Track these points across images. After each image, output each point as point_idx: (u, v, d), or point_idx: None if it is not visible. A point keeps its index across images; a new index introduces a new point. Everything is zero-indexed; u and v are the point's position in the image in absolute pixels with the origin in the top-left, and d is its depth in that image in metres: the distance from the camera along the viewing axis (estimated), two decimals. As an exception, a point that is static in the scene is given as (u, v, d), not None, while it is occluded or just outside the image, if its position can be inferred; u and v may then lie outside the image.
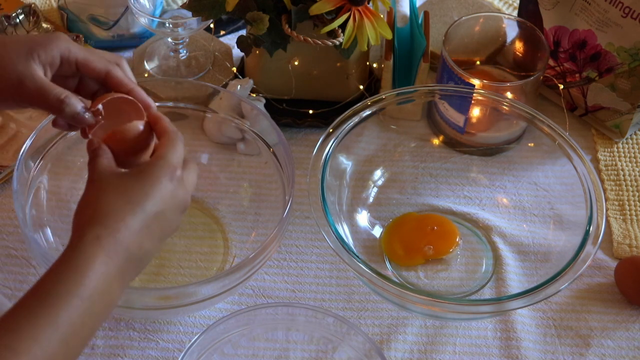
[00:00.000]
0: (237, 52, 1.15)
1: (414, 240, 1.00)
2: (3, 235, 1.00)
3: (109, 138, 0.74)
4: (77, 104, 0.72)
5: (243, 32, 1.12)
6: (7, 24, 1.20)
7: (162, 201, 0.68)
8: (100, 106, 0.75)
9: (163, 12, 1.19)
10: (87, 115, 0.73)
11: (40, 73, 0.72)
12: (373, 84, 1.15)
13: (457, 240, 1.01)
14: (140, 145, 0.75)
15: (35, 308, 0.61)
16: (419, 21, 1.11)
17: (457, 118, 1.07)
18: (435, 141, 1.10)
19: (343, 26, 0.97)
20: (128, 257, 0.66)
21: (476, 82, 1.04)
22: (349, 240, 0.96)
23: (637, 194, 1.08)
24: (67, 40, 0.73)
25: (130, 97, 0.76)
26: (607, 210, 1.05)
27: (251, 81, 1.09)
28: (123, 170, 0.72)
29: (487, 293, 0.97)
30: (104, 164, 0.71)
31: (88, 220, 0.66)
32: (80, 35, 1.19)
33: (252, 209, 1.02)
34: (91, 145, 0.73)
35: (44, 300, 0.62)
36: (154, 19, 1.10)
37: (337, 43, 0.99)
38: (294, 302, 0.95)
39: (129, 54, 1.22)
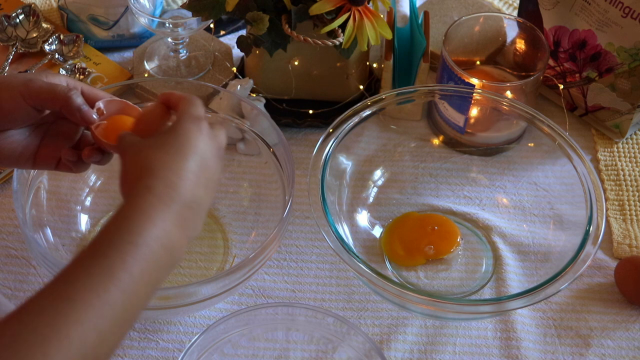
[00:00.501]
0: (237, 52, 1.15)
1: (414, 240, 1.00)
2: (3, 235, 1.00)
3: (107, 131, 0.75)
4: (80, 99, 0.73)
5: (243, 32, 1.12)
6: (7, 24, 1.20)
7: (198, 148, 0.69)
8: (101, 104, 0.75)
9: (163, 12, 1.19)
10: (91, 110, 0.74)
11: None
12: (373, 84, 1.15)
13: (458, 240, 1.01)
14: (155, 122, 0.76)
15: (91, 260, 0.60)
16: (419, 21, 1.11)
17: (457, 118, 1.07)
18: (435, 141, 1.10)
19: (343, 26, 0.97)
20: (183, 203, 0.66)
21: (476, 82, 1.04)
22: (349, 240, 0.96)
23: (637, 194, 1.08)
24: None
25: (126, 101, 0.77)
26: (607, 210, 1.05)
27: (251, 81, 1.09)
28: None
29: (487, 293, 0.97)
30: (129, 138, 0.72)
31: (135, 178, 0.66)
32: (81, 35, 1.19)
33: (252, 209, 1.02)
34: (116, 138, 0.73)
35: (100, 252, 0.60)
36: (154, 19, 1.10)
37: (337, 43, 0.99)
38: (294, 302, 0.95)
39: (129, 54, 1.22)
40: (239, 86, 1.08)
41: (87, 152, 0.76)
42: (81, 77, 1.15)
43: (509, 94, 1.05)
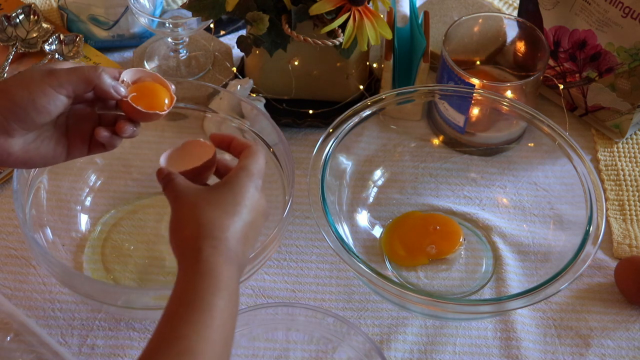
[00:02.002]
0: (237, 52, 1.15)
1: (416, 240, 1.00)
2: (3, 235, 1.00)
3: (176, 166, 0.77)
4: (109, 78, 0.74)
5: (243, 32, 1.12)
6: (7, 24, 1.20)
7: (252, 209, 0.72)
8: (124, 76, 0.76)
9: (163, 12, 1.19)
10: (121, 88, 0.74)
11: None
12: (373, 84, 1.15)
13: (461, 240, 1.01)
14: (205, 167, 0.77)
15: (188, 316, 0.65)
16: (419, 21, 1.11)
17: (457, 118, 1.07)
18: (435, 141, 1.10)
19: (343, 26, 0.97)
20: (238, 262, 0.70)
21: (476, 82, 1.04)
22: (349, 240, 0.96)
23: (637, 194, 1.08)
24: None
25: (142, 69, 0.78)
26: (607, 210, 1.05)
27: (251, 81, 1.09)
28: (203, 186, 0.75)
29: (487, 293, 0.97)
30: (182, 183, 0.74)
31: (195, 235, 0.69)
32: (81, 35, 1.19)
33: (252, 209, 1.02)
34: (161, 173, 0.75)
35: (194, 307, 0.65)
36: (154, 19, 1.10)
37: (337, 43, 0.99)
38: (294, 302, 0.95)
39: (129, 54, 1.22)
40: (239, 86, 1.08)
41: (122, 125, 0.76)
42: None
43: (509, 94, 1.05)
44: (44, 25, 1.20)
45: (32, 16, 1.21)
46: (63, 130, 0.76)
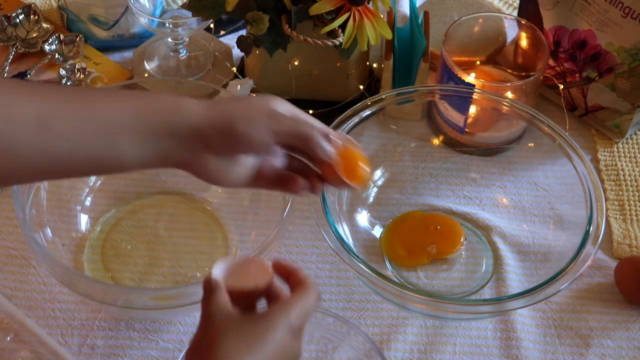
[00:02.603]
0: (237, 52, 1.15)
1: (416, 240, 1.00)
2: (3, 235, 1.00)
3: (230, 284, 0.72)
4: (328, 146, 0.73)
5: (243, 32, 1.12)
6: (7, 24, 1.20)
7: (279, 351, 0.67)
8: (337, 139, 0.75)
9: (163, 12, 1.19)
10: (330, 146, 0.74)
11: None
12: (373, 84, 1.15)
13: (462, 240, 1.01)
14: (256, 292, 0.73)
15: None
16: (419, 21, 1.11)
17: (457, 118, 1.07)
18: (435, 141, 1.10)
19: (343, 26, 0.97)
20: None
21: (476, 82, 1.04)
22: (349, 240, 0.96)
23: (637, 194, 1.08)
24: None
25: (348, 137, 0.76)
26: (607, 210, 1.05)
27: (251, 81, 1.09)
28: (239, 313, 0.69)
29: (487, 293, 0.97)
30: (222, 303, 0.69)
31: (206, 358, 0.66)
32: (81, 35, 1.19)
33: (252, 209, 1.02)
34: (209, 282, 0.70)
35: None
36: (154, 19, 1.10)
37: (337, 43, 0.99)
38: (294, 302, 0.95)
39: (129, 54, 1.22)
40: (239, 86, 1.08)
41: (317, 185, 0.76)
42: (81, 77, 1.15)
43: (509, 94, 1.05)
44: (44, 25, 1.20)
45: (32, 16, 1.21)
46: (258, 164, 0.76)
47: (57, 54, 1.17)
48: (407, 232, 1.01)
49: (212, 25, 1.15)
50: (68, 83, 1.14)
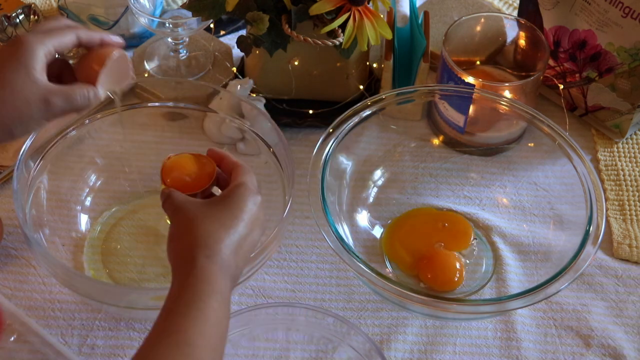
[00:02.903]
0: (237, 52, 1.15)
1: (422, 238, 1.00)
2: (3, 235, 1.00)
3: (172, 170, 0.81)
4: (91, 92, 0.77)
5: (243, 32, 1.12)
6: (7, 24, 1.20)
7: (249, 222, 0.74)
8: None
9: (163, 12, 1.19)
10: (99, 93, 0.78)
11: (51, 84, 0.75)
12: (373, 84, 1.15)
13: (472, 240, 1.01)
14: (203, 182, 0.81)
15: (185, 312, 0.67)
16: (419, 21, 1.11)
17: (457, 118, 1.07)
18: (435, 141, 1.10)
19: (343, 26, 0.97)
20: (231, 273, 0.72)
21: (476, 81, 1.04)
22: (349, 240, 0.96)
23: (637, 194, 1.08)
24: (36, 37, 0.75)
25: (114, 53, 0.79)
26: (607, 210, 1.05)
27: (251, 81, 1.09)
28: (202, 200, 0.77)
29: (487, 293, 0.97)
30: (180, 197, 0.77)
31: (191, 246, 0.71)
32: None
33: (252, 209, 1.02)
34: (163, 192, 0.78)
35: (190, 304, 0.68)
36: (154, 19, 1.10)
37: (337, 43, 0.99)
38: (294, 302, 0.95)
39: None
40: (239, 86, 1.08)
41: None
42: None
43: (509, 94, 1.05)
44: (44, 25, 1.20)
45: (32, 16, 1.21)
46: None
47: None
48: (410, 230, 1.01)
49: (212, 25, 1.15)
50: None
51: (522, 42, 1.12)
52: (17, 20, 1.20)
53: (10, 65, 0.73)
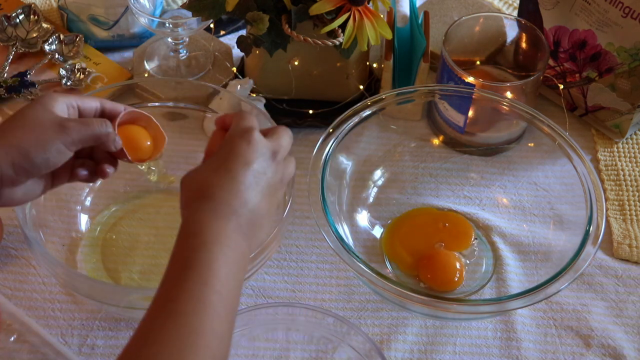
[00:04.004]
0: (237, 52, 1.15)
1: (422, 237, 1.00)
2: (3, 235, 1.00)
3: None
4: (111, 128, 0.77)
5: (243, 32, 1.12)
6: (7, 24, 1.20)
7: (245, 157, 0.71)
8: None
9: (163, 12, 1.19)
10: (117, 137, 0.78)
11: (66, 116, 0.75)
12: (373, 84, 1.15)
13: (472, 240, 1.01)
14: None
15: (182, 276, 0.65)
16: (419, 21, 1.11)
17: (457, 118, 1.07)
18: (435, 141, 1.10)
19: (343, 26, 0.97)
20: (235, 212, 0.69)
21: (476, 82, 1.04)
22: (349, 240, 0.96)
23: (637, 194, 1.08)
24: (58, 93, 0.76)
25: (136, 110, 0.81)
26: (607, 210, 1.05)
27: (251, 81, 1.09)
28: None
29: (487, 293, 0.97)
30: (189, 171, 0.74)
31: (186, 202, 0.70)
32: (81, 35, 1.19)
33: (252, 209, 1.02)
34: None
35: (184, 268, 0.65)
36: (154, 19, 1.10)
37: (337, 43, 0.99)
38: (294, 302, 0.95)
39: (129, 54, 1.22)
40: (239, 86, 1.08)
41: (104, 169, 0.80)
42: (81, 77, 1.15)
43: (509, 94, 1.05)
44: (44, 25, 1.20)
45: (32, 16, 1.21)
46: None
47: (57, 54, 1.17)
48: (410, 230, 1.01)
49: (212, 25, 1.15)
50: (68, 83, 1.14)
51: (522, 42, 1.12)
52: (17, 20, 1.20)
53: (31, 105, 0.74)
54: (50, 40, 1.18)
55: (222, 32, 1.24)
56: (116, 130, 0.78)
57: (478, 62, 1.15)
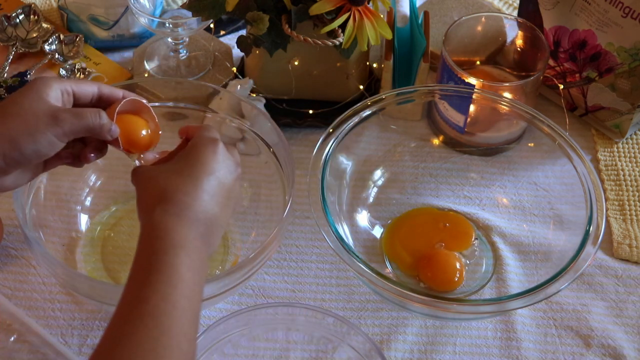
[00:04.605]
0: (237, 52, 1.15)
1: (422, 237, 1.00)
2: (3, 235, 1.00)
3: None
4: (105, 118, 0.76)
5: (243, 32, 1.12)
6: (7, 24, 1.20)
7: (212, 167, 0.73)
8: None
9: (163, 12, 1.19)
10: (114, 126, 0.76)
11: (59, 105, 0.74)
12: (373, 84, 1.15)
13: (473, 240, 1.01)
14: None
15: (147, 278, 0.65)
16: (419, 21, 1.11)
17: (457, 118, 1.07)
18: (435, 141, 1.10)
19: (343, 26, 0.97)
20: (199, 220, 0.70)
21: (476, 82, 1.04)
22: (349, 240, 0.96)
23: (637, 194, 1.08)
24: (55, 77, 0.75)
25: (132, 97, 0.79)
26: (607, 210, 1.05)
27: (251, 81, 1.09)
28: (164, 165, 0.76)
29: (487, 293, 0.97)
30: (143, 167, 0.76)
31: (149, 203, 0.71)
32: (81, 35, 1.19)
33: (252, 209, 1.02)
34: (132, 171, 0.77)
35: (151, 269, 0.66)
36: (154, 19, 1.10)
37: (337, 43, 0.99)
38: (294, 302, 0.95)
39: (129, 54, 1.22)
40: (239, 86, 1.08)
41: (88, 153, 0.78)
42: (81, 77, 1.15)
43: (508, 94, 1.05)
44: (44, 25, 1.20)
45: (32, 16, 1.21)
46: None
47: (57, 54, 1.17)
48: (410, 230, 1.01)
49: (212, 25, 1.15)
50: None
51: (522, 42, 1.12)
52: (17, 20, 1.20)
53: (24, 91, 0.73)
54: (50, 40, 1.18)
55: (222, 32, 1.24)
56: (114, 119, 0.76)
57: (478, 62, 1.15)
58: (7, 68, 1.15)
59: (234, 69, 1.16)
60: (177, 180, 0.71)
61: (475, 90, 1.03)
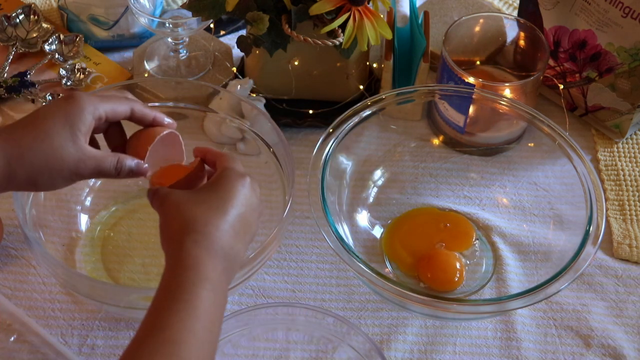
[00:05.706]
0: (237, 52, 1.15)
1: (422, 238, 1.00)
2: (3, 235, 1.00)
3: (162, 178, 0.79)
4: (129, 162, 0.77)
5: (243, 32, 1.12)
6: (7, 24, 1.20)
7: (240, 204, 0.73)
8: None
9: (163, 12, 1.19)
10: (145, 165, 0.78)
11: (89, 148, 0.74)
12: (373, 84, 1.15)
13: (473, 241, 1.01)
14: (192, 179, 0.79)
15: (171, 306, 0.66)
16: (419, 21, 1.11)
17: (457, 118, 1.07)
18: (435, 141, 1.10)
19: (343, 26, 0.97)
20: (224, 256, 0.71)
21: (476, 82, 1.04)
22: (349, 240, 0.96)
23: (637, 194, 1.08)
24: (90, 99, 0.75)
25: (165, 131, 0.79)
26: (607, 210, 1.05)
27: (251, 81, 1.09)
28: (191, 191, 0.76)
29: (487, 293, 0.97)
30: (167, 189, 0.76)
31: (179, 231, 0.71)
32: (81, 35, 1.19)
33: (252, 209, 1.02)
34: (149, 190, 0.77)
35: (177, 298, 0.66)
36: (154, 19, 1.10)
37: (337, 43, 0.99)
38: (294, 302, 0.95)
39: (129, 54, 1.22)
40: (239, 86, 1.08)
41: None
42: (81, 77, 1.15)
43: (508, 94, 1.05)
44: (44, 25, 1.20)
45: (32, 16, 1.21)
46: None
47: (57, 54, 1.17)
48: (410, 230, 1.01)
49: (212, 25, 1.15)
50: (68, 83, 1.14)
51: (522, 42, 1.12)
52: (17, 20, 1.20)
53: (58, 119, 0.73)
54: (50, 40, 1.18)
55: (222, 32, 1.24)
56: (146, 155, 0.77)
57: (478, 62, 1.15)
58: (7, 68, 1.15)
59: (234, 69, 1.16)
60: (207, 213, 0.71)
61: (475, 90, 1.03)
